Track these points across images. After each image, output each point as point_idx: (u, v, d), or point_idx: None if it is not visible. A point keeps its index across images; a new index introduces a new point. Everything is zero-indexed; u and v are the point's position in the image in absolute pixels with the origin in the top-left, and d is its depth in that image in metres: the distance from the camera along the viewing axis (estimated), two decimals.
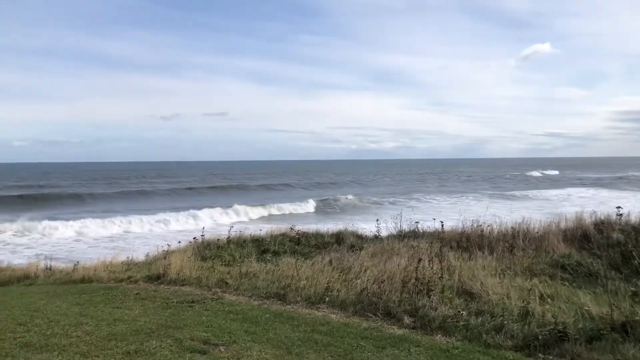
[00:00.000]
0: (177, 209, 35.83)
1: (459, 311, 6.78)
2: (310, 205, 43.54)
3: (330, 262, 10.09)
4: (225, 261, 11.24)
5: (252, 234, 13.75)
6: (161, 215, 32.91)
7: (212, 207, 37.73)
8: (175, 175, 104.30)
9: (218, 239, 12.96)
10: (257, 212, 38.66)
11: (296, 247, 12.87)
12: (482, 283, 7.76)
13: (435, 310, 6.75)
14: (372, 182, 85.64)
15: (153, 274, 9.86)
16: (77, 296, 8.30)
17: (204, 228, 15.91)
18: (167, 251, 11.94)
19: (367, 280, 8.09)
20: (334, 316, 7.06)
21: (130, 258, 12.59)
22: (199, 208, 36.28)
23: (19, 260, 17.68)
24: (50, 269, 12.32)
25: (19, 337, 5.62)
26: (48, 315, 6.70)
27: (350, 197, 49.21)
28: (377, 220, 13.68)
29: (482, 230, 11.98)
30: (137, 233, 28.22)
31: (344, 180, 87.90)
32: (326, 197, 48.73)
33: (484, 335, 6.01)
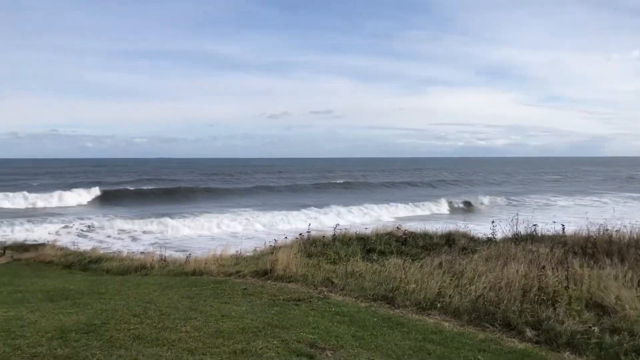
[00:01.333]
0: (307, 206, 36.50)
1: (589, 326, 6.08)
2: (443, 206, 40.98)
3: (440, 265, 9.59)
4: (330, 259, 11.08)
5: (357, 232, 13.51)
6: (305, 212, 33.61)
7: (345, 205, 37.23)
8: (292, 171, 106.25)
9: (323, 236, 12.86)
10: (391, 211, 36.62)
11: (403, 247, 12.46)
12: (616, 296, 6.93)
13: (562, 324, 6.10)
14: (493, 180, 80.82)
15: (260, 269, 9.89)
16: (188, 289, 8.46)
17: (310, 225, 15.89)
18: (274, 247, 12.00)
19: (483, 286, 7.52)
20: (446, 324, 6.61)
21: (239, 252, 12.80)
22: (328, 205, 36.40)
23: (138, 248, 18.68)
24: (164, 260, 12.83)
25: (132, 329, 5.72)
26: (160, 308, 6.83)
27: (485, 197, 46.22)
28: (493, 222, 12.89)
29: (610, 236, 10.89)
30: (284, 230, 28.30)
31: (465, 178, 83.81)
32: (459, 197, 46.30)
33: (623, 357, 5.30)
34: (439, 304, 7.28)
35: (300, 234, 12.91)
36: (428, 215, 37.02)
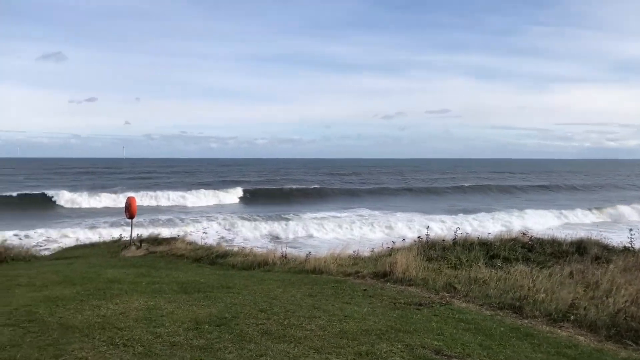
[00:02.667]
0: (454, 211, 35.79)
1: None
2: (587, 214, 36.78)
3: (571, 274, 9.01)
4: (451, 264, 10.78)
5: (480, 237, 13.03)
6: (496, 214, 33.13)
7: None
8: (420, 172, 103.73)
9: (443, 240, 12.56)
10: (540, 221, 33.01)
11: (529, 254, 11.83)
12: None
13: None
14: (629, 185, 72.16)
15: (379, 271, 9.85)
16: (310, 287, 8.64)
17: (428, 227, 15.58)
18: (391, 248, 11.92)
19: (624, 300, 6.93)
20: (582, 338, 6.16)
21: (356, 252, 12.86)
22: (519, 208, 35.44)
23: (261, 244, 19.45)
24: (285, 257, 13.20)
25: (260, 324, 5.95)
26: (285, 305, 7.04)
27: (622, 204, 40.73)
28: (631, 229, 11.87)
29: None
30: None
31: (599, 182, 75.96)
32: (595, 203, 42.53)
33: None
34: (572, 316, 6.81)
35: (418, 237, 12.71)
36: (582, 224, 33.34)
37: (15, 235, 24.17)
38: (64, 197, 43.07)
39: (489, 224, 29.62)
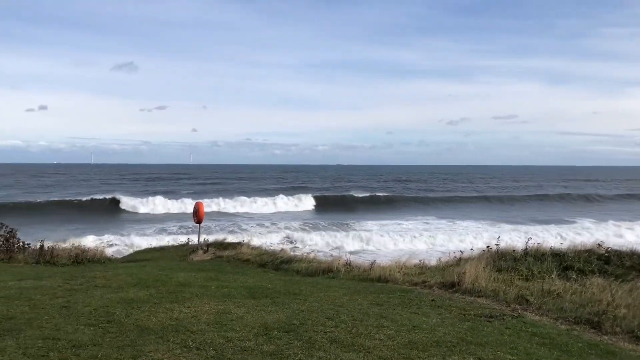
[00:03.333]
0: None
1: None
2: None
3: None
4: (522, 275, 10.42)
5: (552, 247, 12.54)
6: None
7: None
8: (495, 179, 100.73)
9: (513, 250, 12.16)
10: None
11: (606, 266, 11.27)
12: None
13: None
14: None
15: (447, 281, 9.65)
16: (376, 295, 8.57)
17: (499, 237, 15.15)
18: (459, 258, 11.67)
19: None
20: None
21: (422, 261, 12.67)
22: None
23: (327, 251, 19.53)
24: (349, 265, 13.17)
25: (328, 332, 5.95)
26: (352, 313, 7.01)
27: None
28: None
29: None
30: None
31: None
32: None
33: None
34: None
35: (487, 247, 12.37)
36: None
37: (91, 238, 25.31)
38: (135, 203, 44.80)
39: (564, 235, 28.45)
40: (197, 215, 17.56)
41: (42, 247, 14.40)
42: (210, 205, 43.41)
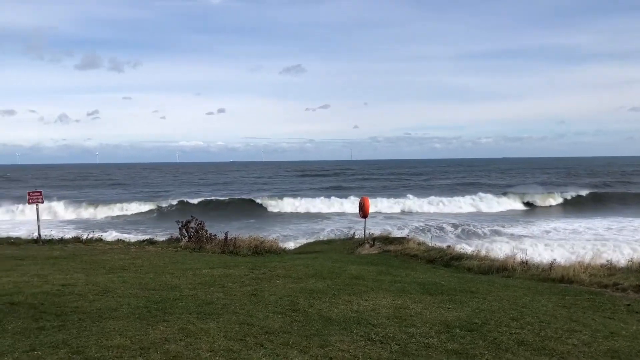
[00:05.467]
0: None
1: None
2: None
3: None
4: None
5: None
6: None
7: None
8: None
9: None
10: None
11: None
12: None
13: None
14: None
15: None
16: (560, 297, 7.98)
17: None
18: None
19: None
20: None
21: (609, 262, 11.54)
22: None
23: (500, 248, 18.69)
24: (526, 264, 12.44)
25: (514, 333, 5.66)
26: (537, 314, 6.60)
27: None
28: None
29: None
30: None
31: None
32: None
33: None
34: None
35: None
36: None
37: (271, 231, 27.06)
38: (303, 201, 46.69)
39: None
40: (363, 210, 17.84)
41: (226, 238, 15.69)
42: (374, 201, 43.39)
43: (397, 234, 23.75)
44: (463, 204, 42.88)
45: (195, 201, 43.87)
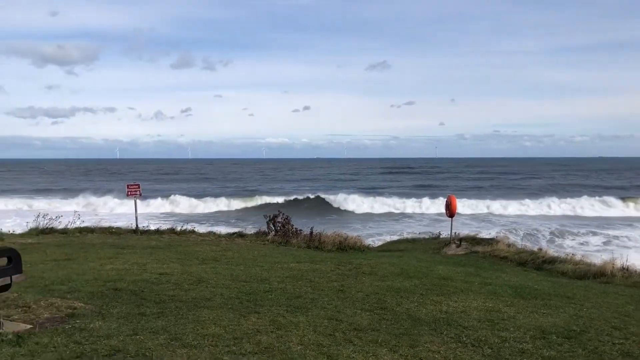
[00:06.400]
0: None
1: None
2: None
3: None
4: None
5: None
6: None
7: None
8: None
9: None
10: None
11: None
12: None
13: None
14: None
15: None
16: None
17: None
18: None
19: None
20: None
21: None
22: None
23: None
24: (626, 270, 11.69)
25: (617, 343, 5.33)
26: None
27: None
28: None
29: None
30: None
31: None
32: None
33: None
34: None
35: None
36: None
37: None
38: (394, 201, 46.38)
39: None
40: (450, 209, 17.46)
41: (311, 233, 15.89)
42: (461, 202, 42.06)
43: (484, 234, 23.10)
44: (556, 206, 40.70)
45: (279, 198, 44.71)
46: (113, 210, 37.66)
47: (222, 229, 19.51)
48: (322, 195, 44.45)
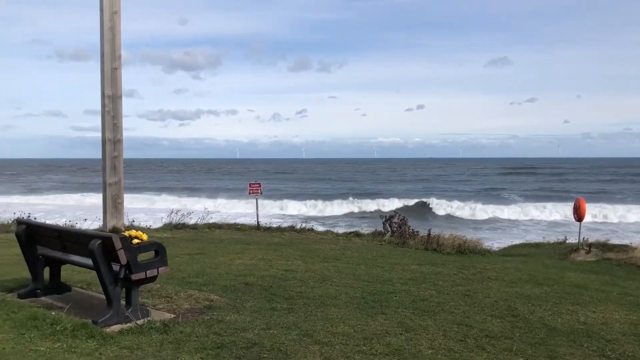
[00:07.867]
0: None
1: None
2: None
3: None
4: None
5: None
6: None
7: None
8: None
9: None
10: None
11: None
12: None
13: None
14: None
15: None
16: None
17: None
18: None
19: None
20: None
21: None
22: None
23: None
24: None
25: None
26: None
27: None
28: None
29: None
30: None
31: None
32: None
33: None
34: None
35: None
36: None
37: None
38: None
39: None
40: (578, 213, 16.41)
41: (429, 235, 15.62)
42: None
43: (615, 240, 21.46)
44: None
45: (388, 200, 44.24)
46: (234, 208, 39.49)
47: (339, 229, 19.79)
48: (431, 199, 43.49)
